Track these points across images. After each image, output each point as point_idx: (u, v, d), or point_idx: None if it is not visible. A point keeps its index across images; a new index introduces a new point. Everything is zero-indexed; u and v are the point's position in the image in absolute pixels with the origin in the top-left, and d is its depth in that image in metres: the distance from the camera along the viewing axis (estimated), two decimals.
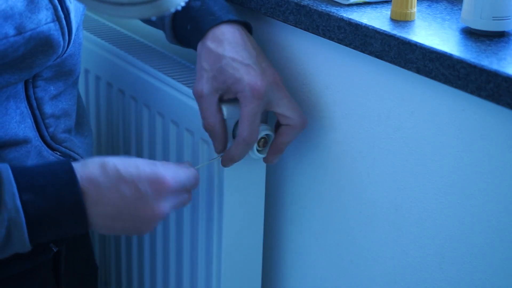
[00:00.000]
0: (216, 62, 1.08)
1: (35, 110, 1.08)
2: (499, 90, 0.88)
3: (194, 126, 1.17)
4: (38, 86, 1.07)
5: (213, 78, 1.08)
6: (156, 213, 1.00)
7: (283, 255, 1.28)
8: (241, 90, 1.06)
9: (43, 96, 1.08)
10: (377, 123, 1.07)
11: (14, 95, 1.05)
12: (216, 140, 1.10)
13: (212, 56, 1.08)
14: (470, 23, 0.98)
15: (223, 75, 1.07)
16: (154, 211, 1.00)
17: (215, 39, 1.09)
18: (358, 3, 1.08)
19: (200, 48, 1.10)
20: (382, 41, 1.00)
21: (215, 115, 1.09)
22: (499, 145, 0.94)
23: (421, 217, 1.04)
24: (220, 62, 1.08)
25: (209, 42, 1.09)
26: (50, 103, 1.10)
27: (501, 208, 0.95)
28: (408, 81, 1.02)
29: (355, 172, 1.12)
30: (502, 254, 0.96)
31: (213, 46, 1.09)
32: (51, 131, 1.10)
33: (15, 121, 1.06)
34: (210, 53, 1.09)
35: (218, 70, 1.08)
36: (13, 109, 1.05)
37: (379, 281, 1.12)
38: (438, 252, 1.03)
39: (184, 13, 1.13)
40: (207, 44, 1.09)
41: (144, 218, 1.00)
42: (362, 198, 1.12)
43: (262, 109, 1.08)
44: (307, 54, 1.15)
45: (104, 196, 0.98)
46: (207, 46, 1.09)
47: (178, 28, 1.16)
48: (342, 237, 1.17)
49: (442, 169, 1.00)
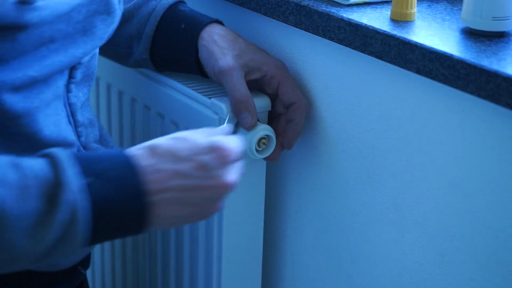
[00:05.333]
0: (236, 43, 1.12)
1: (70, 117, 1.02)
2: (499, 90, 0.88)
3: (193, 126, 1.17)
4: (71, 90, 1.02)
5: (238, 56, 1.11)
6: (225, 184, 0.89)
7: (283, 255, 1.28)
8: (268, 68, 1.12)
9: (75, 103, 1.03)
10: (377, 123, 1.07)
11: (59, 96, 1.00)
12: (249, 112, 1.10)
13: (228, 39, 1.12)
14: (470, 23, 0.98)
15: (246, 55, 1.11)
16: (223, 181, 0.89)
17: (219, 29, 1.13)
18: (358, 3, 1.08)
19: (208, 35, 1.12)
20: (382, 41, 1.00)
21: (246, 88, 1.11)
22: (499, 145, 0.94)
23: (421, 217, 1.04)
24: (239, 44, 1.12)
25: (216, 30, 1.13)
26: (80, 111, 1.04)
27: (501, 208, 0.95)
28: (408, 81, 1.02)
29: (355, 172, 1.12)
30: (502, 254, 0.96)
31: (224, 33, 1.12)
32: (83, 140, 1.05)
33: (64, 123, 1.00)
34: (224, 36, 1.12)
35: (241, 50, 1.12)
36: (61, 109, 1.01)
37: (379, 281, 1.12)
38: (438, 252, 1.03)
39: (174, 15, 1.16)
40: (216, 31, 1.13)
41: (213, 194, 0.90)
42: (362, 198, 1.12)
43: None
44: (307, 54, 1.15)
45: (167, 182, 0.87)
46: (217, 32, 1.12)
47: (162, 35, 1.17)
48: (342, 237, 1.17)
49: (442, 169, 1.00)
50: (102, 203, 0.83)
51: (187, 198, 0.88)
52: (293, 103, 1.13)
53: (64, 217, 0.81)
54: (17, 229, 0.80)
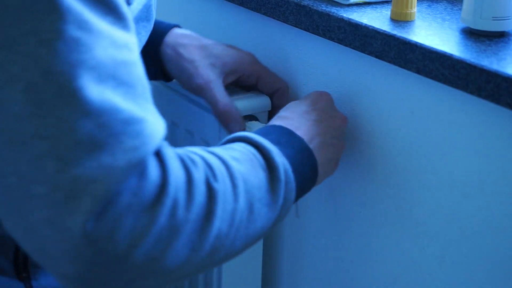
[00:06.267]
0: (203, 50, 1.09)
1: None
2: (499, 90, 0.88)
3: (193, 126, 1.17)
4: None
5: (211, 65, 1.08)
6: (342, 116, 1.05)
7: (283, 255, 1.28)
8: (244, 67, 1.11)
9: None
10: (377, 123, 1.07)
11: None
12: (233, 121, 1.10)
13: (195, 48, 1.09)
14: (470, 23, 0.98)
15: (218, 61, 1.09)
16: (340, 115, 1.05)
17: (181, 36, 1.10)
18: (358, 3, 1.08)
19: (172, 48, 1.09)
20: (382, 41, 1.00)
21: (227, 97, 1.09)
22: (499, 145, 0.94)
23: (421, 217, 1.04)
24: (207, 49, 1.09)
25: (178, 40, 1.09)
26: None
27: (501, 208, 0.95)
28: (408, 81, 1.02)
29: (355, 172, 1.12)
30: (502, 254, 0.96)
31: (187, 41, 1.09)
32: None
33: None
34: (189, 46, 1.09)
35: (211, 56, 1.09)
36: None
37: (379, 281, 1.12)
38: (438, 252, 1.03)
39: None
40: (179, 42, 1.09)
41: (341, 129, 1.04)
42: (362, 198, 1.12)
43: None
44: (307, 54, 1.15)
45: (310, 132, 0.98)
46: (180, 43, 1.09)
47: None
48: (342, 237, 1.17)
49: (442, 169, 1.00)
50: (292, 164, 0.92)
51: (327, 139, 1.00)
52: (278, 89, 1.14)
53: (283, 179, 0.89)
54: (259, 200, 0.86)
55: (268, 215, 0.87)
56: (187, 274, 0.80)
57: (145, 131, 0.73)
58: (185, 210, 0.76)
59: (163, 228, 0.74)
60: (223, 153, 0.85)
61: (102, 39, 0.72)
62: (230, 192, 0.81)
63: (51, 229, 0.70)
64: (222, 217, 0.80)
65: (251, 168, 0.86)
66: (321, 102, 1.04)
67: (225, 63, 1.10)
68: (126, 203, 0.72)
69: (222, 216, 0.80)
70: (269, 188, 0.88)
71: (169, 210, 0.74)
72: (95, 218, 0.70)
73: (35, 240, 0.72)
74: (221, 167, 0.82)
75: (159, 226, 0.74)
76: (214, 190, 0.79)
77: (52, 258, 0.72)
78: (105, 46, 0.72)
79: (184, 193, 0.76)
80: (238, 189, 0.82)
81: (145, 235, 0.73)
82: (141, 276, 0.75)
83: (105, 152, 0.71)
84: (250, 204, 0.84)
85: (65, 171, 0.70)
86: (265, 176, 0.88)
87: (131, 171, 0.72)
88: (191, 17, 1.36)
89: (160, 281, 0.78)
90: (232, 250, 0.83)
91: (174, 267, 0.77)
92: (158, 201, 0.74)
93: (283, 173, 0.89)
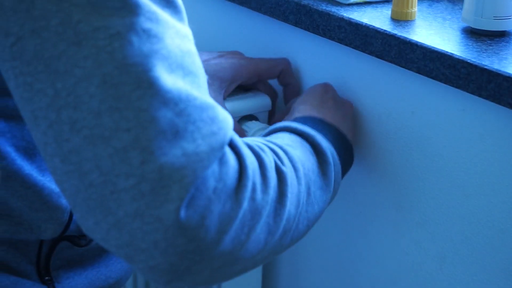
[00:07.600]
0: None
1: None
2: (500, 90, 0.88)
3: None
4: None
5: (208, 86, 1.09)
6: (349, 102, 1.09)
7: (283, 255, 1.28)
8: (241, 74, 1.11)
9: None
10: (377, 123, 1.07)
11: None
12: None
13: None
14: (471, 22, 0.98)
15: (214, 77, 1.09)
16: (348, 101, 1.09)
17: None
18: (359, 2, 1.08)
19: None
20: (382, 40, 0.99)
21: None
22: (499, 145, 0.94)
23: (421, 217, 1.04)
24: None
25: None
26: None
27: (501, 208, 0.95)
28: (408, 81, 1.02)
29: (355, 172, 1.12)
30: (502, 254, 0.95)
31: None
32: None
33: None
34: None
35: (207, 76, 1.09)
36: None
37: (379, 281, 1.12)
38: (438, 253, 1.03)
39: None
40: None
41: (351, 113, 1.08)
42: (362, 198, 1.12)
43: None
44: (307, 53, 1.15)
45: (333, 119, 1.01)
46: None
47: None
48: (342, 237, 1.16)
49: (443, 169, 1.00)
50: (335, 148, 0.96)
51: (348, 125, 1.04)
52: (281, 71, 1.15)
53: (331, 161, 0.92)
54: (314, 183, 0.89)
55: (322, 198, 0.90)
56: (263, 260, 0.81)
57: (219, 116, 0.73)
58: (262, 194, 0.76)
59: (247, 212, 0.74)
60: (277, 140, 0.87)
61: (169, 29, 0.72)
62: (294, 175, 0.83)
63: (141, 222, 0.70)
64: (291, 199, 0.81)
65: (304, 153, 0.89)
66: (329, 92, 1.07)
67: (221, 79, 1.11)
68: (212, 189, 0.71)
69: (291, 199, 0.81)
70: (320, 171, 0.90)
71: (250, 194, 0.75)
72: (186, 205, 0.70)
73: (122, 235, 0.71)
74: (282, 152, 0.83)
75: (243, 210, 0.74)
76: (283, 173, 0.80)
77: (142, 252, 0.71)
78: (172, 36, 0.72)
79: (259, 177, 0.77)
80: (299, 173, 0.84)
81: (232, 220, 0.73)
82: (228, 263, 0.75)
83: (187, 139, 0.70)
84: (308, 187, 0.86)
85: (151, 162, 0.69)
86: (316, 160, 0.90)
87: (213, 156, 0.72)
88: (190, 16, 1.35)
89: (242, 268, 0.78)
90: (297, 234, 0.85)
91: (255, 251, 0.77)
92: (240, 185, 0.74)
93: (331, 156, 0.93)
